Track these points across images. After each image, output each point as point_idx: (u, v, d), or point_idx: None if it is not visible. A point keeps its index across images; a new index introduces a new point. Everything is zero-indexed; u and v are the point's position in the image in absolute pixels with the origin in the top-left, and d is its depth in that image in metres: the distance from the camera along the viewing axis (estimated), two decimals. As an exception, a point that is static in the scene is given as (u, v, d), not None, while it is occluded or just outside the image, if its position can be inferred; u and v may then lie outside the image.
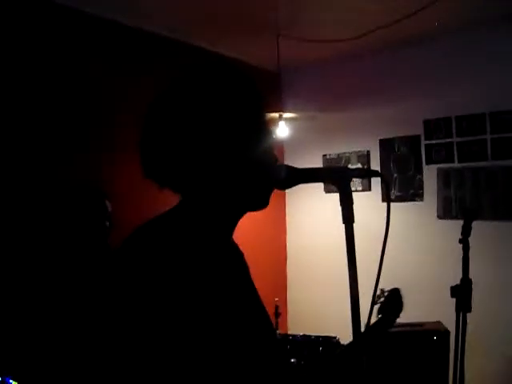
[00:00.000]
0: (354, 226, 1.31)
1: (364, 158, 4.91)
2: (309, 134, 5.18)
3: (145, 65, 4.12)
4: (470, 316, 2.46)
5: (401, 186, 4.66)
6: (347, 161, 5.02)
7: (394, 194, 4.69)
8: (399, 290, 1.92)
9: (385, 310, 1.84)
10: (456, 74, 4.36)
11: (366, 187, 4.85)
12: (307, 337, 3.30)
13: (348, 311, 1.21)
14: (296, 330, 5.02)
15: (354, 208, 1.33)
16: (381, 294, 1.92)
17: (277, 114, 4.56)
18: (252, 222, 4.95)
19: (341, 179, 1.30)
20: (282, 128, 4.59)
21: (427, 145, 4.56)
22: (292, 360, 3.10)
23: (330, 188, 5.11)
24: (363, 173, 1.30)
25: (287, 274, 5.47)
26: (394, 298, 1.89)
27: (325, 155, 5.20)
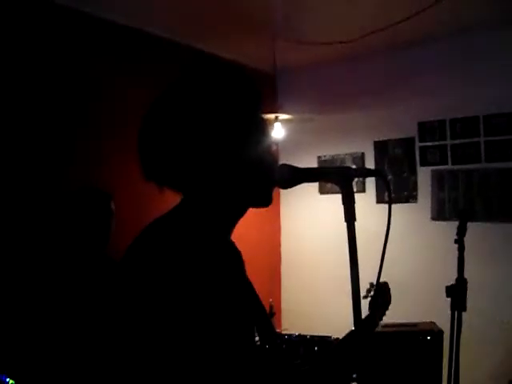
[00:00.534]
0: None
1: (359, 160, 4.94)
2: (304, 135, 5.20)
3: (144, 65, 4.13)
4: (464, 315, 2.49)
5: (395, 188, 4.70)
6: (342, 162, 5.05)
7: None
8: (388, 284, 1.92)
9: (374, 304, 1.86)
10: (450, 76, 4.41)
11: (361, 188, 4.89)
12: (302, 336, 3.33)
13: (342, 310, 1.25)
14: (291, 330, 5.05)
15: (355, 207, 1.36)
16: (370, 287, 1.95)
17: (273, 116, 4.58)
18: (246, 222, 4.99)
19: (343, 179, 1.33)
20: (278, 129, 4.61)
21: (421, 147, 4.60)
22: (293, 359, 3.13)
23: (324, 189, 5.15)
24: (365, 172, 1.32)
25: (281, 274, 5.50)
26: (383, 292, 1.90)
27: (319, 157, 5.23)
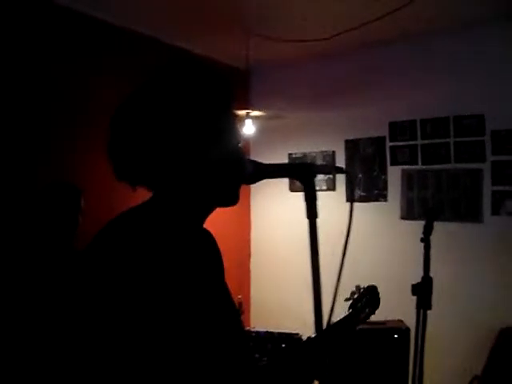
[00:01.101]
0: (318, 224, 1.32)
1: (329, 158, 4.95)
2: (275, 132, 5.19)
3: (117, 64, 4.05)
4: (429, 314, 2.50)
5: (365, 187, 4.72)
6: (313, 160, 5.04)
7: (359, 193, 4.74)
8: (376, 288, 1.92)
9: (358, 306, 1.84)
10: (421, 77, 4.43)
11: (331, 186, 4.90)
12: (270, 333, 3.31)
13: (311, 308, 1.22)
14: (259, 326, 5.04)
15: (317, 204, 1.34)
16: (356, 290, 1.91)
17: (244, 112, 4.55)
18: (216, 217, 4.97)
19: (305, 175, 1.31)
20: (249, 126, 4.59)
21: (392, 146, 4.62)
22: (256, 355, 3.11)
23: (294, 187, 5.14)
24: (328, 169, 1.31)
25: (251, 270, 5.48)
26: (370, 295, 1.89)
27: (291, 154, 5.22)
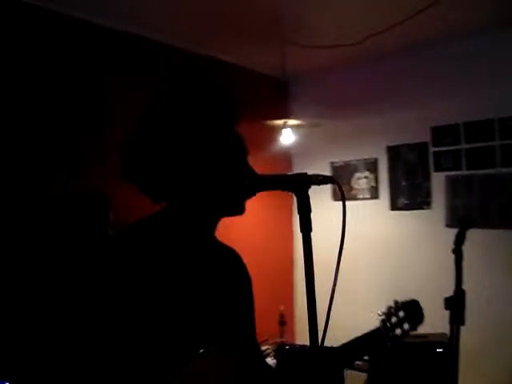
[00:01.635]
0: (361, 235, 1.27)
1: (371, 166, 4.83)
2: (317, 141, 5.13)
3: (152, 77, 4.07)
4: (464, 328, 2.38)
5: (408, 194, 4.57)
6: (354, 169, 4.94)
7: (402, 202, 4.61)
8: (418, 303, 1.82)
9: (392, 322, 1.76)
10: (464, 79, 4.26)
11: (374, 194, 4.78)
12: (304, 346, 3.23)
13: (354, 320, 1.18)
14: (304, 339, 4.96)
15: (311, 217, 1.28)
16: (393, 305, 1.83)
17: (281, 122, 4.52)
18: (258, 228, 4.95)
19: (299, 187, 1.26)
20: (287, 135, 4.55)
21: (435, 152, 4.46)
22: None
23: (338, 196, 5.05)
24: (319, 180, 1.24)
25: (294, 282, 5.40)
26: (409, 310, 1.80)
27: (332, 163, 5.13)
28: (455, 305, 2.28)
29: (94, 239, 2.91)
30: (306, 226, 1.26)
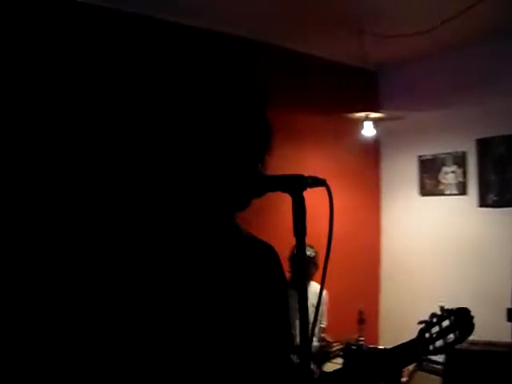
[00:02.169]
0: (447, 233, 1.21)
1: (459, 160, 4.58)
2: (404, 134, 4.98)
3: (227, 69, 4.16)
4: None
5: (498, 190, 4.29)
6: (443, 162, 4.71)
7: (491, 198, 4.34)
8: (468, 311, 1.67)
9: (434, 332, 1.65)
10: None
11: (462, 190, 4.55)
12: (373, 349, 3.15)
13: None
14: (386, 339, 4.83)
15: (306, 220, 1.24)
16: (439, 312, 1.70)
17: (363, 114, 4.41)
18: (344, 224, 4.87)
19: (293, 188, 1.23)
20: (369, 128, 4.44)
21: (529, 144, 4.16)
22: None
23: (424, 191, 4.86)
24: (311, 182, 1.21)
25: (380, 279, 5.26)
26: (456, 319, 1.66)
27: (420, 156, 4.93)
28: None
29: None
30: (299, 231, 1.21)
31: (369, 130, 4.43)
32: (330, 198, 1.19)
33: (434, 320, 1.67)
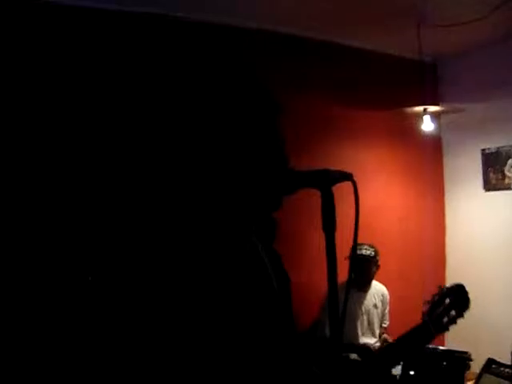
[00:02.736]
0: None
1: (525, 152, 4.36)
2: (465, 127, 4.79)
3: (286, 70, 4.09)
4: None
5: None
6: (508, 155, 4.50)
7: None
8: (463, 287, 1.83)
9: (439, 311, 1.77)
10: None
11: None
12: (433, 349, 3.02)
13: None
14: (453, 341, 4.64)
15: (335, 215, 1.19)
16: (438, 292, 1.84)
17: (421, 108, 4.27)
18: (409, 224, 4.73)
19: (322, 183, 1.19)
20: (427, 122, 4.29)
21: None
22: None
23: (490, 185, 4.66)
24: (338, 176, 1.17)
25: (445, 278, 5.07)
26: (455, 296, 1.80)
27: (483, 150, 4.72)
28: None
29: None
30: (328, 226, 1.17)
31: (428, 125, 4.28)
32: (355, 192, 1.16)
33: (436, 299, 1.81)
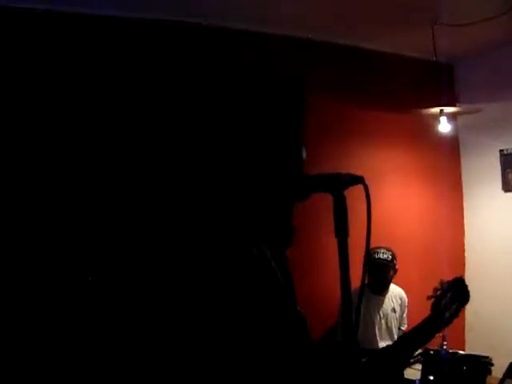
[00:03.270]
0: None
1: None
2: (483, 127, 4.73)
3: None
4: None
5: None
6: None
7: None
8: (462, 280, 1.83)
9: (442, 304, 1.77)
10: None
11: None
12: (453, 353, 2.97)
13: None
14: (473, 343, 4.58)
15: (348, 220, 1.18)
16: (439, 286, 1.85)
17: (437, 109, 4.22)
18: (427, 226, 4.67)
19: (334, 187, 1.18)
20: (444, 124, 4.24)
21: None
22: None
23: (509, 186, 4.59)
24: (349, 180, 1.15)
25: (465, 278, 4.98)
26: (455, 289, 1.81)
27: (502, 150, 4.66)
28: None
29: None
30: (341, 231, 1.15)
31: (445, 126, 4.23)
32: (366, 195, 1.14)
33: (439, 293, 1.81)
